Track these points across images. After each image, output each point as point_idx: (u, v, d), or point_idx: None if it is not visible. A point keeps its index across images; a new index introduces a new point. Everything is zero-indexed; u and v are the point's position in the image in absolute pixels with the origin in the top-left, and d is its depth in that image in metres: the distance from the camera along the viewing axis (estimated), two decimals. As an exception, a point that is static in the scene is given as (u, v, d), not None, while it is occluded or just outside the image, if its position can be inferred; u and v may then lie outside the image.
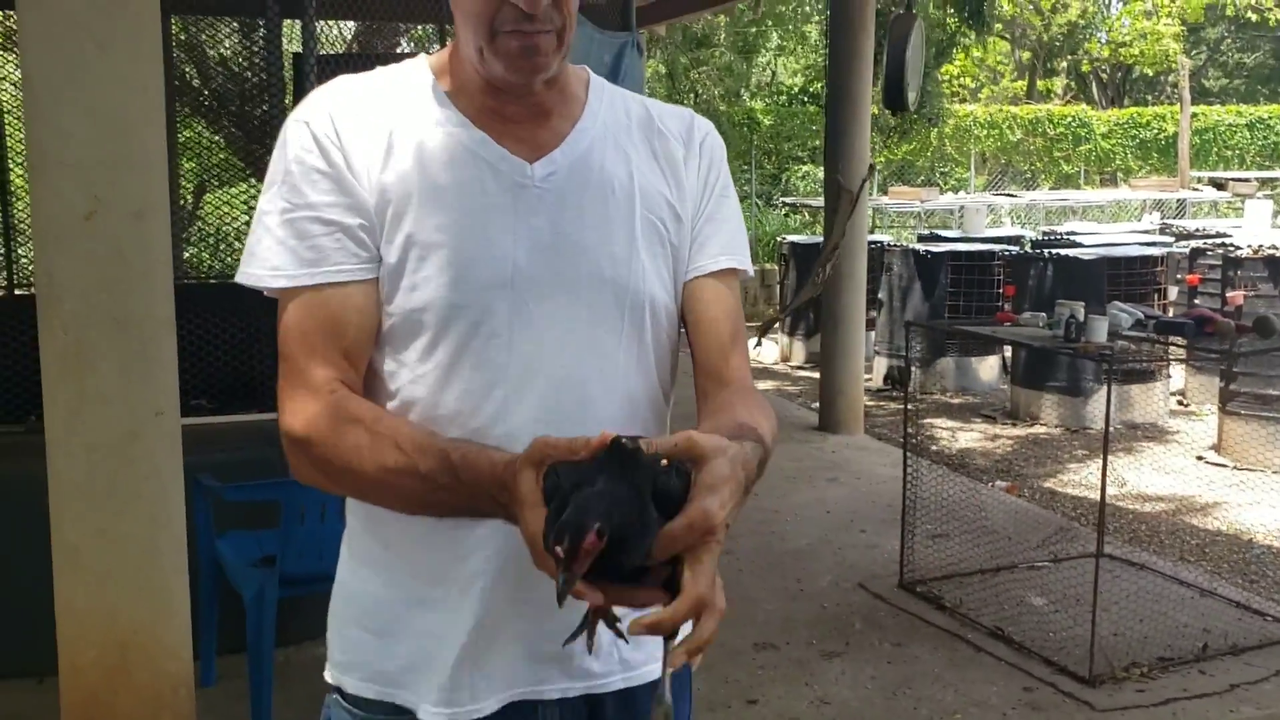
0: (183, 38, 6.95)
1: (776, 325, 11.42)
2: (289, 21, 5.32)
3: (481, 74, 1.28)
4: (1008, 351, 9.06)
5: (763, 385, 9.47)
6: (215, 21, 5.71)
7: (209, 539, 3.61)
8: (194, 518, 3.54)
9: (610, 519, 0.99)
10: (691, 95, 17.90)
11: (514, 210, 1.28)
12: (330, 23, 6.91)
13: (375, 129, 1.27)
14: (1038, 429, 7.93)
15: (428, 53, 1.40)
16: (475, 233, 1.26)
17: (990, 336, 4.42)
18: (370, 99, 1.30)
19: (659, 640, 1.40)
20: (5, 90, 6.02)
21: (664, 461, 1.06)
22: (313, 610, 1.63)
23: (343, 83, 1.32)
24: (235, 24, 5.03)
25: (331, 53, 6.38)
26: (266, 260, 1.26)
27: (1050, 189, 17.72)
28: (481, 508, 1.16)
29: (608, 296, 1.30)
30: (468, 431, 1.25)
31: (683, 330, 1.44)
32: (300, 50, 5.24)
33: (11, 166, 5.92)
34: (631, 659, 1.37)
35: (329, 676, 1.38)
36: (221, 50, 6.44)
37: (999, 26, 16.62)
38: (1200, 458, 7.07)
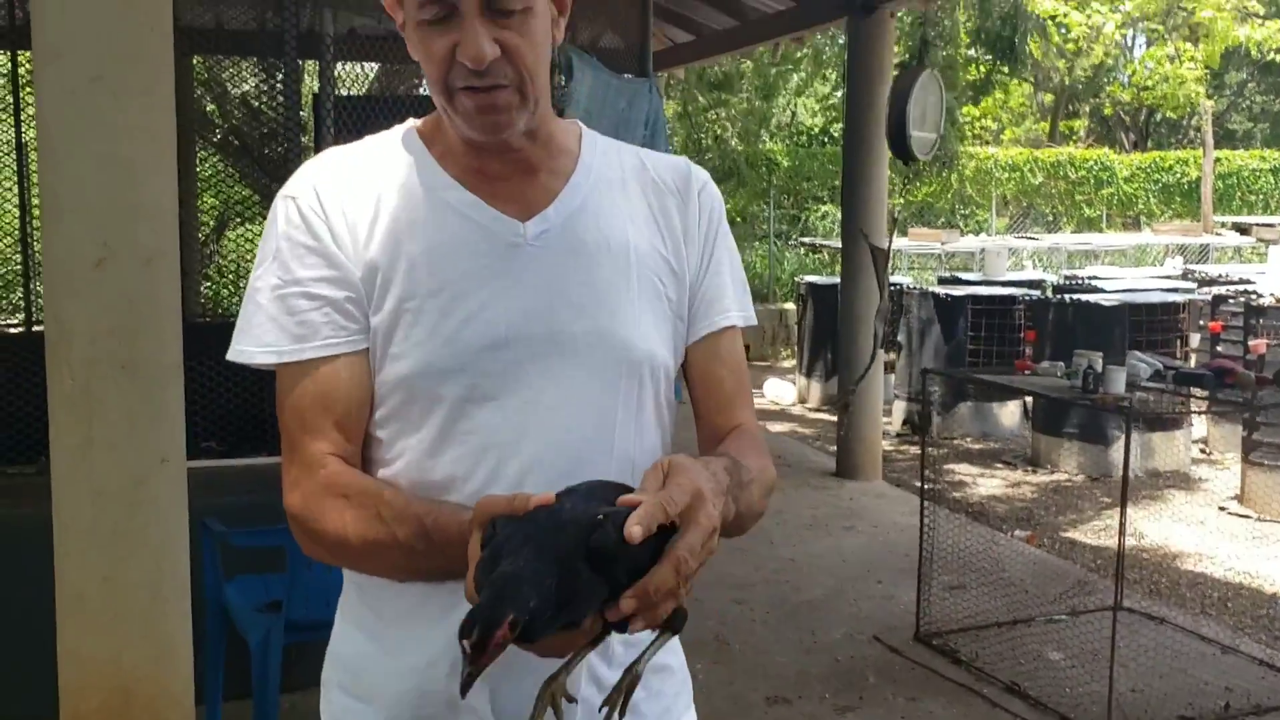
0: (204, 76, 7.04)
1: (795, 367, 11.39)
2: (311, 62, 5.39)
3: (458, 134, 1.28)
4: (1029, 396, 8.99)
5: (778, 427, 9.44)
6: (239, 61, 5.78)
7: (216, 583, 3.59)
8: (201, 562, 3.53)
9: (526, 603, 0.99)
10: (710, 136, 17.97)
11: (507, 271, 1.26)
12: (351, 64, 6.98)
13: (362, 200, 1.27)
14: (1059, 476, 7.85)
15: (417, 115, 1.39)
16: (467, 295, 1.25)
17: (1008, 386, 4.38)
18: (357, 170, 1.29)
19: (656, 713, 1.39)
20: (28, 131, 6.10)
21: (599, 515, 1.05)
22: (318, 656, 1.62)
23: (330, 155, 1.33)
24: (256, 64, 5.10)
25: (351, 94, 6.43)
26: (259, 337, 1.26)
27: (1072, 232, 17.67)
28: (458, 570, 1.14)
29: (604, 355, 1.28)
30: (463, 497, 1.24)
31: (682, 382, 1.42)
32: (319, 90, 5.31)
33: (33, 207, 6.00)
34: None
35: None
36: (243, 89, 6.51)
37: (1026, 70, 16.66)
38: (1223, 508, 6.98)
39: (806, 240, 15.60)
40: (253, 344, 1.26)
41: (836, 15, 7.11)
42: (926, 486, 4.81)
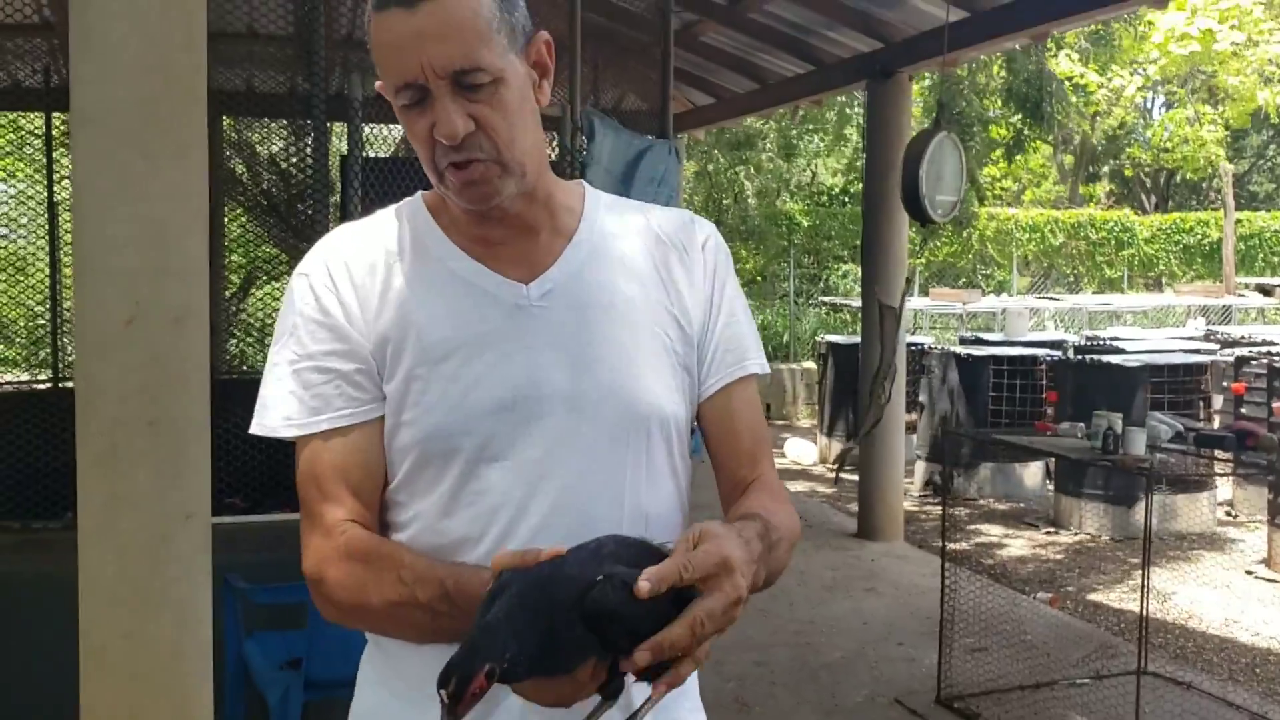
0: (234, 137, 7.18)
1: (815, 426, 11.38)
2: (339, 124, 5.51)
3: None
4: (1051, 457, 8.94)
5: (798, 486, 9.40)
6: (269, 123, 5.91)
7: (237, 639, 3.60)
8: (223, 617, 3.55)
9: (503, 652, 1.01)
10: (731, 195, 18.13)
11: (513, 333, 1.29)
12: (378, 126, 7.11)
13: (372, 274, 1.31)
14: (1082, 537, 7.78)
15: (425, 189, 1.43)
16: (473, 360, 1.28)
17: (1028, 448, 4.37)
18: (367, 245, 1.34)
19: None
20: (60, 190, 6.22)
21: (600, 575, 1.07)
22: (337, 714, 1.63)
23: (342, 232, 1.38)
24: (286, 126, 5.22)
25: (379, 155, 6.54)
26: (278, 410, 1.30)
27: (1093, 293, 17.66)
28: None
29: (612, 411, 1.30)
30: (477, 557, 1.26)
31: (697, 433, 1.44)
32: (337, 151, 5.41)
33: (63, 265, 6.10)
34: None
35: None
36: (273, 150, 6.64)
37: (1054, 132, 16.76)
38: (1250, 572, 6.89)
39: (827, 299, 15.65)
40: (273, 418, 1.30)
41: (855, 79, 7.20)
42: (948, 547, 4.79)
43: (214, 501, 2.87)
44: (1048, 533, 8.00)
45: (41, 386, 7.04)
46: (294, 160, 5.16)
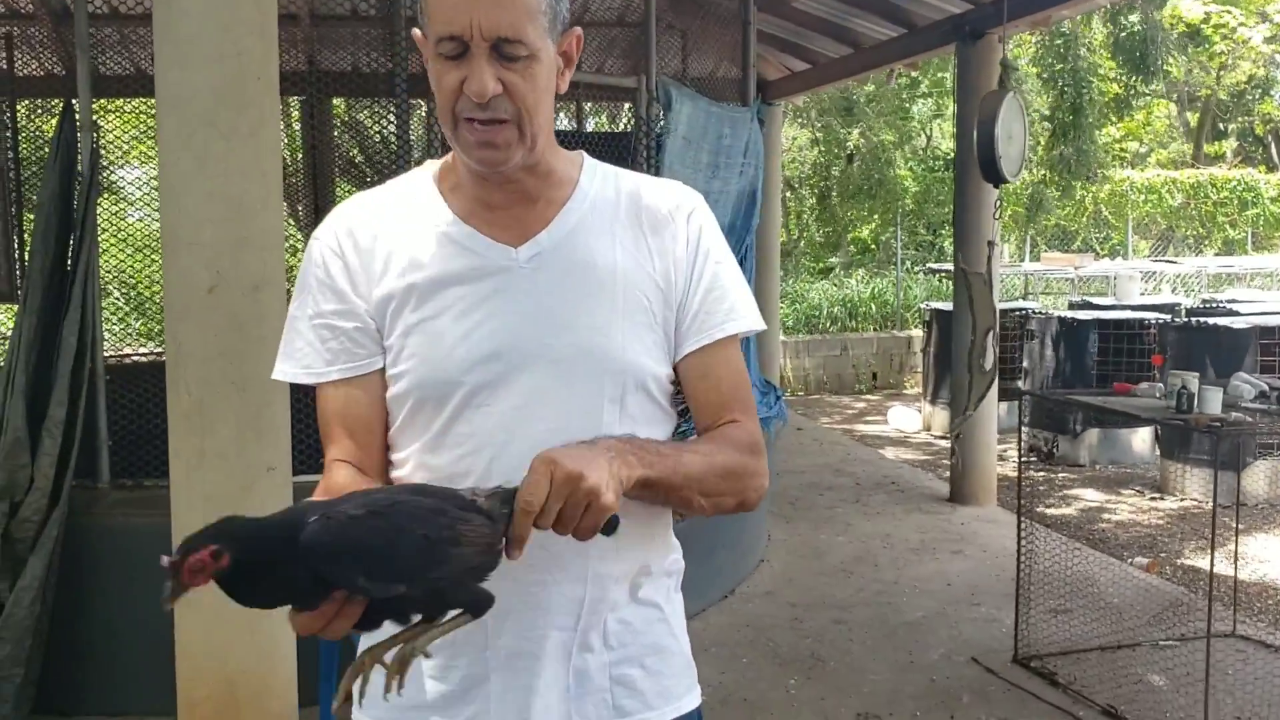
0: (343, 115, 7.50)
1: (920, 394, 11.30)
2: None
3: (463, 166, 1.44)
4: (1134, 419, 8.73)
5: (897, 454, 9.37)
6: (361, 100, 6.16)
7: (328, 589, 3.84)
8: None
9: (240, 549, 1.10)
10: (842, 161, 17.94)
11: (501, 292, 1.43)
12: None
13: (377, 239, 1.46)
14: (1187, 503, 7.62)
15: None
16: (463, 317, 1.42)
17: (1102, 408, 4.34)
18: (375, 212, 1.49)
19: (654, 693, 1.50)
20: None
21: (314, 516, 1.15)
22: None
23: (355, 200, 1.53)
24: (375, 103, 5.46)
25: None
26: (296, 359, 1.48)
27: (1215, 255, 17.02)
28: None
29: (588, 366, 1.42)
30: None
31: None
32: (435, 128, 5.59)
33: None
34: (625, 705, 1.47)
35: None
36: (380, 127, 6.91)
37: (1160, 84, 16.17)
38: (1361, 538, 6.68)
39: (936, 267, 15.42)
40: (292, 365, 1.48)
41: (946, 41, 7.12)
42: (1047, 511, 4.77)
43: (299, 462, 3.08)
44: (1152, 498, 7.85)
45: (153, 357, 7.45)
46: (380, 135, 5.36)
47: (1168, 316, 9.37)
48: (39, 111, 6.43)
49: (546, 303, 1.43)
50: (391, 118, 4.68)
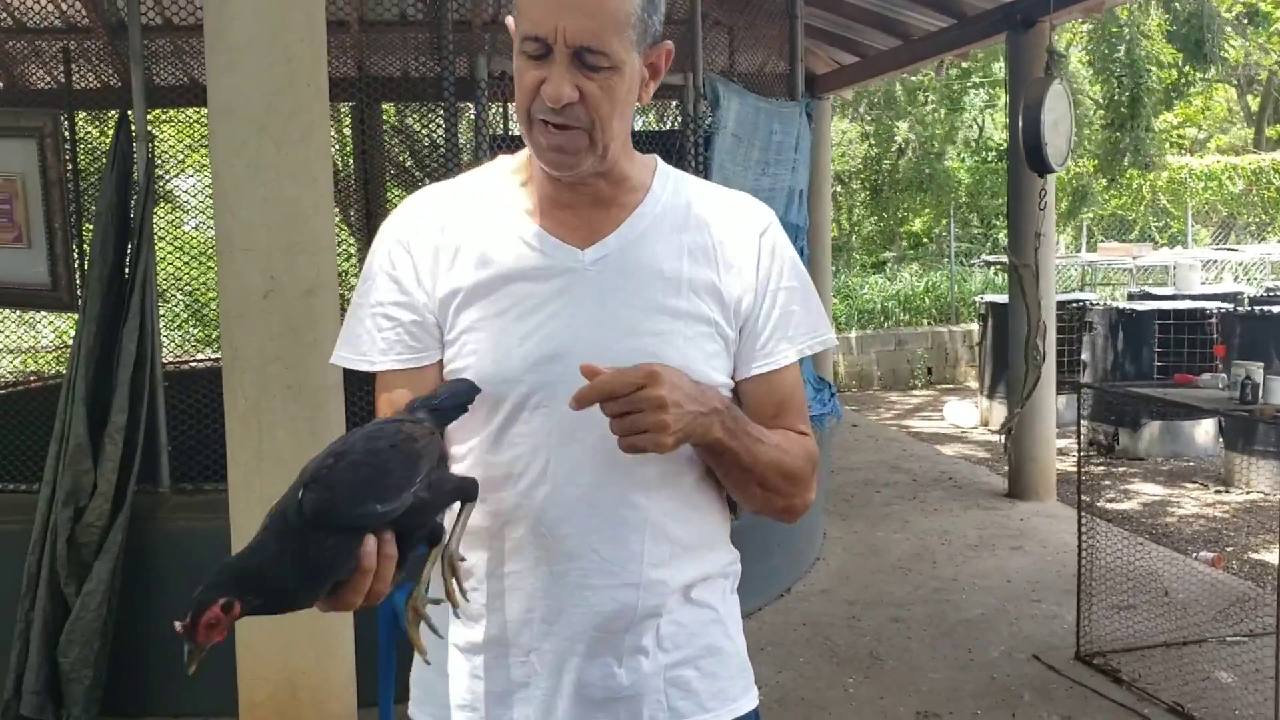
0: (392, 121, 7.56)
1: (976, 389, 11.17)
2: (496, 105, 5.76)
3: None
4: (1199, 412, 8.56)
5: (954, 450, 9.27)
6: (409, 105, 6.19)
7: (386, 590, 3.86)
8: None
9: (245, 592, 1.11)
10: (893, 155, 17.79)
11: (564, 293, 1.42)
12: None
13: (446, 233, 1.45)
14: (1254, 496, 7.47)
15: None
16: (525, 316, 1.41)
17: (1164, 400, 4.26)
18: (445, 205, 1.48)
19: (709, 694, 1.49)
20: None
21: (299, 490, 1.17)
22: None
23: (427, 192, 1.53)
24: (423, 108, 5.50)
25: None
26: (354, 346, 1.48)
27: (1279, 242, 16.64)
28: None
29: None
30: (518, 491, 1.41)
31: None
32: (499, 131, 5.64)
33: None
34: (680, 707, 1.46)
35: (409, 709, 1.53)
36: (430, 131, 6.96)
37: (1218, 70, 15.81)
38: None
39: (990, 259, 15.23)
40: (350, 351, 1.49)
41: (996, 30, 7.03)
42: (1108, 506, 4.69)
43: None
44: (1216, 492, 7.70)
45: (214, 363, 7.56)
46: (429, 139, 5.40)
47: (1230, 306, 9.18)
48: (96, 123, 6.55)
49: (609, 306, 1.42)
50: (440, 122, 4.71)
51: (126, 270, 4.15)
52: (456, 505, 1.34)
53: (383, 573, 1.18)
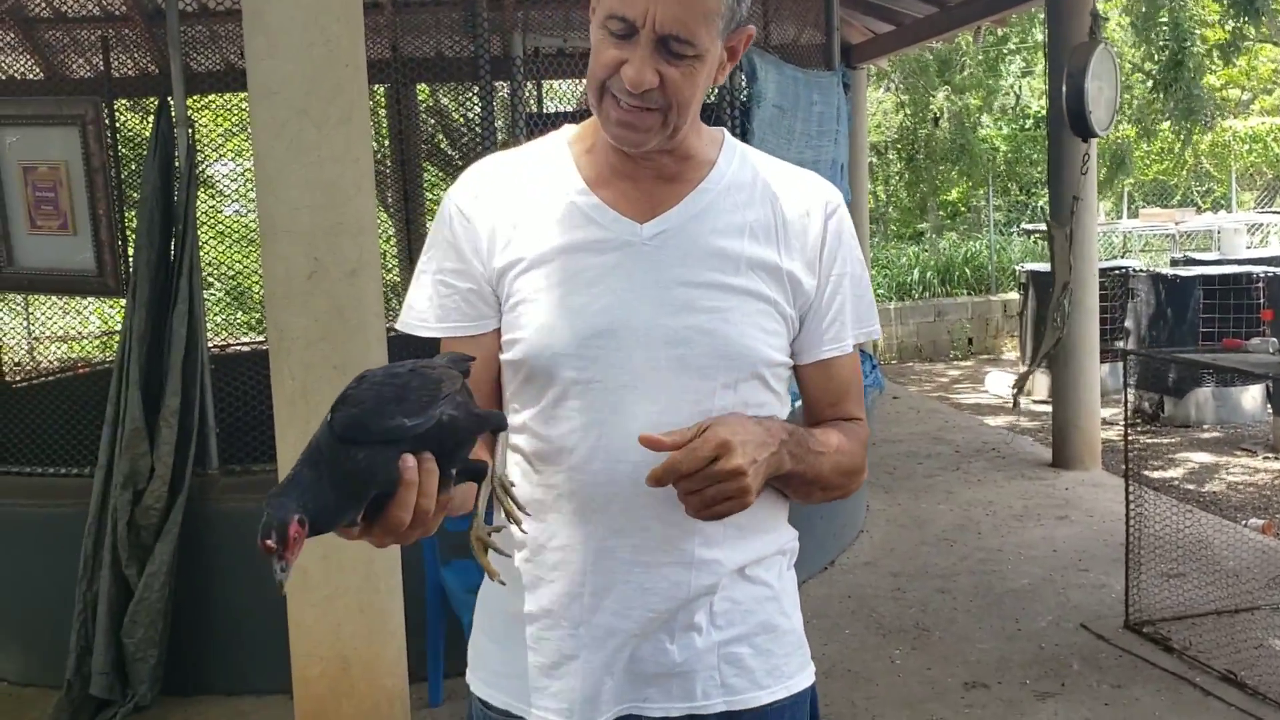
0: (429, 102, 7.57)
1: (1018, 358, 11.07)
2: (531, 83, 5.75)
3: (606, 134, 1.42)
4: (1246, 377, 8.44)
5: (997, 420, 9.21)
6: (445, 85, 6.20)
7: (435, 567, 3.90)
8: (421, 547, 3.85)
9: (300, 507, 1.11)
10: (928, 123, 17.60)
11: (621, 267, 1.40)
12: (566, 81, 7.34)
13: (507, 202, 1.45)
14: (1304, 462, 7.38)
15: None
16: (582, 288, 1.40)
17: (1213, 365, 4.20)
18: (506, 175, 1.48)
19: (764, 671, 1.49)
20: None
21: (328, 415, 1.18)
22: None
23: (489, 161, 1.52)
24: (459, 88, 5.50)
25: (563, 110, 6.74)
26: (415, 311, 1.49)
27: (1328, 203, 16.36)
28: None
29: (703, 348, 1.39)
30: (572, 464, 1.40)
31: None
32: (534, 109, 5.63)
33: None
34: (734, 684, 1.46)
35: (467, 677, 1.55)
36: (469, 112, 6.97)
37: (1267, 27, 15.47)
38: None
39: (1028, 227, 15.07)
40: (412, 317, 1.50)
41: (1035, -6, 6.94)
42: (1154, 475, 4.64)
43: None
44: (1265, 458, 7.60)
45: (265, 346, 7.62)
46: (464, 119, 5.40)
47: (1277, 270, 9.04)
48: (136, 110, 6.61)
49: (666, 282, 1.40)
50: (475, 102, 4.71)
51: (172, 255, 4.19)
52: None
53: (426, 487, 1.16)
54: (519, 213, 1.44)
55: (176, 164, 4.17)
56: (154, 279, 4.13)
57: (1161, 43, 13.19)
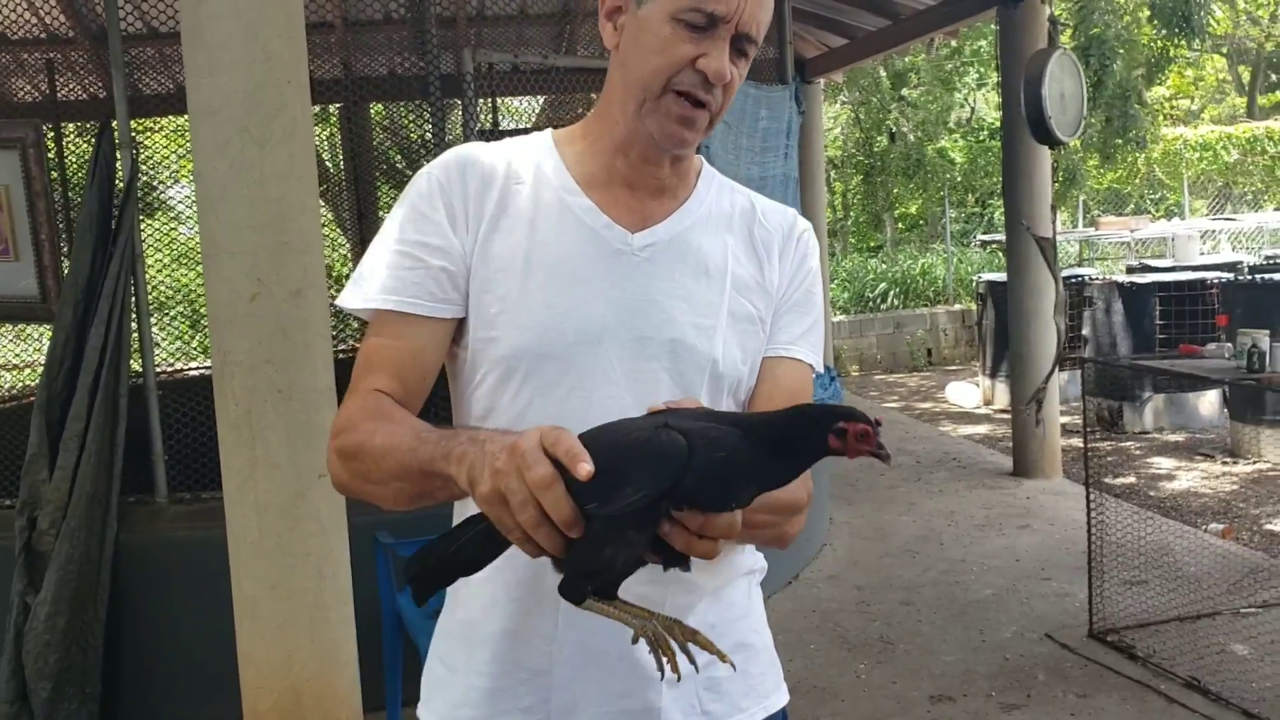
0: (383, 119, 7.51)
1: (978, 368, 11.12)
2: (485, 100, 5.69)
3: (626, 134, 1.37)
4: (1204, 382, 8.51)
5: (954, 430, 9.23)
6: (410, 104, 6.15)
7: (390, 593, 3.82)
8: (376, 574, 3.78)
9: None
10: (885, 136, 17.71)
11: (609, 274, 1.36)
12: (520, 99, 7.30)
13: (488, 190, 1.38)
14: (1261, 466, 7.43)
15: None
16: (569, 291, 1.35)
17: (1170, 371, 4.21)
18: (492, 163, 1.40)
19: (741, 692, 1.44)
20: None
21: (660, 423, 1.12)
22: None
23: (473, 146, 1.45)
24: (412, 106, 5.45)
25: (521, 126, 6.71)
26: (362, 285, 1.37)
27: (1275, 210, 16.56)
28: (452, 450, 1.17)
29: (689, 363, 1.37)
30: None
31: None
32: (483, 128, 5.57)
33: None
34: (713, 710, 1.42)
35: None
36: (423, 130, 6.92)
37: (1205, 43, 15.68)
38: None
39: (984, 238, 15.18)
40: (355, 290, 1.37)
41: (987, 6, 6.97)
42: (1115, 481, 4.65)
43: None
44: (1224, 463, 7.66)
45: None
46: (418, 136, 5.35)
47: (1230, 275, 9.13)
48: (85, 134, 6.50)
49: (652, 294, 1.37)
50: (428, 118, 4.65)
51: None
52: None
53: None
54: (504, 200, 1.38)
55: (119, 186, 4.08)
56: (81, 303, 3.99)
57: (1090, 57, 13.33)
